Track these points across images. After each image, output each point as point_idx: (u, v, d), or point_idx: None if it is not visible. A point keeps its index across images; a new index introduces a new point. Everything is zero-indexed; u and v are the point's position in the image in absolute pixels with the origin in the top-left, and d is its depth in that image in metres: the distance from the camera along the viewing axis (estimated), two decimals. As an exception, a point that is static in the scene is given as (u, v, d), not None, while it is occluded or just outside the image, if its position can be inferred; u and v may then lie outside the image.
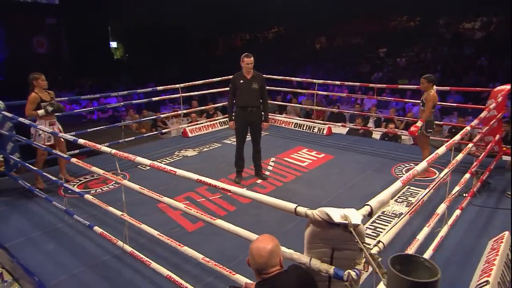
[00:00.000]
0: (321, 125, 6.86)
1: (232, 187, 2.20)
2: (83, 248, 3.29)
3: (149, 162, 2.61)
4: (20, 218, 3.84)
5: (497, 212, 3.87)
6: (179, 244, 2.49)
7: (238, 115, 4.68)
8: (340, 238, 1.66)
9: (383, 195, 1.85)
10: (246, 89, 4.59)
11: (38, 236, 3.50)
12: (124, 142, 5.84)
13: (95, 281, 2.85)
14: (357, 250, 1.70)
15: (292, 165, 5.33)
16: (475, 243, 3.25)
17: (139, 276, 2.86)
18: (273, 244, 1.62)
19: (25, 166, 4.09)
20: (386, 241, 1.94)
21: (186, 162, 5.55)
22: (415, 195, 4.27)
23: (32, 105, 4.24)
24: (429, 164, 2.41)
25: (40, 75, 4.35)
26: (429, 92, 4.63)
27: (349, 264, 1.70)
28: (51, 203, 3.76)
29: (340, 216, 1.50)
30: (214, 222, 2.19)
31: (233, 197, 4.34)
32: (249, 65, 4.62)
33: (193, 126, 6.89)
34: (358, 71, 14.98)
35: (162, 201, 2.69)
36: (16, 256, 3.20)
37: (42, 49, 15.94)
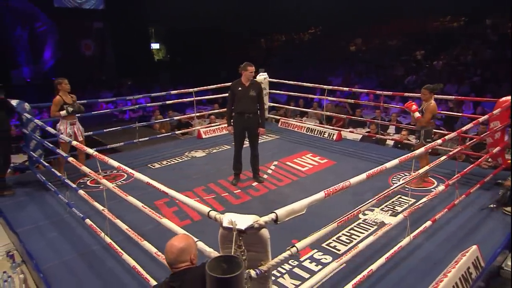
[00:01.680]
0: (331, 130, 6.92)
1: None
2: (79, 237, 3.72)
3: (117, 164, 2.91)
4: (34, 207, 4.39)
5: (481, 226, 3.81)
6: (140, 239, 2.79)
7: (236, 120, 4.92)
8: (245, 241, 1.86)
9: (298, 204, 2.02)
10: (244, 96, 4.82)
11: (45, 224, 4.00)
12: (138, 142, 6.31)
13: (81, 267, 3.25)
14: (262, 252, 1.90)
15: (292, 169, 5.49)
16: (445, 255, 3.25)
17: (120, 266, 3.20)
18: (185, 243, 1.86)
19: (42, 164, 4.63)
20: (301, 246, 2.09)
21: (193, 163, 5.90)
22: (404, 205, 4.29)
23: (56, 107, 4.78)
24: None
25: (64, 80, 4.88)
26: (429, 102, 4.60)
27: (255, 264, 1.89)
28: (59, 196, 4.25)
29: (228, 221, 1.70)
30: (160, 221, 2.45)
31: (225, 198, 4.64)
32: (252, 73, 4.85)
33: (207, 128, 7.24)
34: (391, 74, 14.64)
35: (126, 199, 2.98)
36: (23, 240, 3.70)
37: (89, 52, 17.21)
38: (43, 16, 15.65)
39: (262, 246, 1.87)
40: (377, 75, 14.64)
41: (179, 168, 5.68)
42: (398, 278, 3.04)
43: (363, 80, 14.31)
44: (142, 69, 17.45)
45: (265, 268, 1.87)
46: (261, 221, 1.81)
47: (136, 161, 5.97)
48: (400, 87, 13.53)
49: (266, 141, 6.88)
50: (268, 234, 1.87)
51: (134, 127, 6.36)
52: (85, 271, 3.20)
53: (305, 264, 3.27)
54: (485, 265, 3.19)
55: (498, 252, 3.42)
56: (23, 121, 4.81)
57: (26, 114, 4.69)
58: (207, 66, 17.67)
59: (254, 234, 1.82)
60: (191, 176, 5.30)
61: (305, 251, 3.44)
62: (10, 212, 4.31)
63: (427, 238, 3.59)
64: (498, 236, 3.62)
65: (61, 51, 16.17)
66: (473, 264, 3.07)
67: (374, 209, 4.19)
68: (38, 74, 16.17)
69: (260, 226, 1.81)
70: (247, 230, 1.70)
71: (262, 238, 1.84)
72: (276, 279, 3.07)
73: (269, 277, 1.96)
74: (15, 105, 4.82)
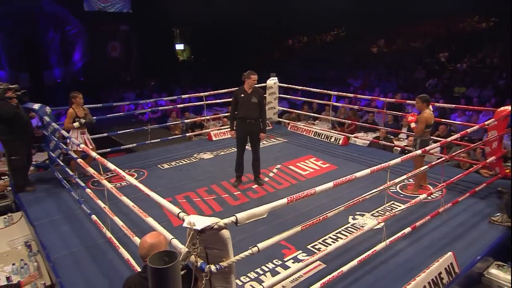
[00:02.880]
0: (337, 135, 7.08)
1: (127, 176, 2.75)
2: (87, 231, 4.13)
3: (113, 167, 3.23)
4: (51, 203, 4.85)
5: (466, 234, 3.91)
6: (132, 235, 3.12)
7: (239, 125, 5.21)
8: (209, 240, 2.14)
9: (259, 209, 2.28)
10: (246, 103, 5.09)
11: (58, 218, 4.43)
12: (150, 143, 6.72)
13: (85, 258, 3.64)
14: (223, 250, 2.17)
15: (293, 173, 5.72)
16: (423, 261, 3.40)
17: (118, 258, 3.55)
18: (156, 240, 2.16)
19: (58, 163, 5.09)
20: (262, 247, 2.35)
21: (199, 164, 6.24)
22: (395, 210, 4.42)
23: (69, 119, 5.27)
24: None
25: (78, 94, 5.39)
26: (423, 112, 4.70)
27: (218, 260, 2.17)
28: (72, 193, 4.69)
29: (187, 222, 1.99)
30: (145, 219, 2.76)
31: (225, 199, 4.94)
32: (254, 81, 5.12)
33: (217, 131, 7.57)
34: (412, 77, 14.47)
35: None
36: (38, 232, 4.15)
37: (116, 53, 17.98)
38: (74, 20, 16.53)
39: (223, 244, 2.14)
40: (396, 78, 14.51)
41: (186, 169, 6.02)
42: (372, 280, 3.23)
43: (382, 83, 14.24)
44: (166, 70, 18.02)
45: (225, 264, 2.14)
46: (221, 223, 2.08)
47: (148, 161, 6.38)
48: (420, 90, 13.39)
49: (273, 144, 7.13)
50: (228, 235, 2.14)
51: (146, 129, 6.75)
52: (88, 262, 3.58)
53: (288, 264, 3.51)
54: (460, 271, 3.32)
55: (478, 260, 3.54)
56: (44, 124, 5.29)
57: (46, 118, 5.16)
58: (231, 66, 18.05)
59: (214, 234, 2.09)
60: (196, 177, 5.63)
61: (290, 252, 3.69)
62: (30, 206, 4.79)
63: (410, 243, 3.76)
64: (481, 245, 3.72)
65: (89, 53, 17.01)
66: (446, 270, 3.21)
67: (365, 214, 4.36)
68: (68, 74, 17.08)
69: (220, 227, 2.08)
70: (204, 230, 1.98)
71: (222, 238, 2.11)
72: (259, 277, 3.34)
73: (231, 272, 2.22)
74: (37, 108, 5.31)
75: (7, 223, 4.80)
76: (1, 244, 4.34)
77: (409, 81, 14.37)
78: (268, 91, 7.69)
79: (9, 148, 5.01)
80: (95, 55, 17.11)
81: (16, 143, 4.96)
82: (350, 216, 4.31)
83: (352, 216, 4.31)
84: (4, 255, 4.11)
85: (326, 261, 3.42)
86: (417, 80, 14.16)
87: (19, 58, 15.20)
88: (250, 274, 3.35)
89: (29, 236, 4.49)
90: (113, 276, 3.32)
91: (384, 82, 14.34)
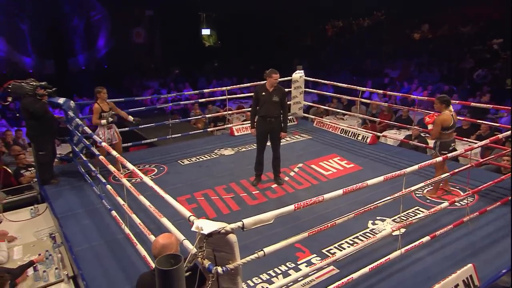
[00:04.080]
0: (365, 133, 7.19)
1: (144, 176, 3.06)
2: (107, 226, 4.55)
3: (132, 167, 3.58)
4: (74, 196, 5.34)
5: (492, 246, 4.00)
6: (148, 233, 3.47)
7: (259, 123, 5.46)
8: (216, 243, 2.43)
9: (266, 215, 2.55)
10: (268, 101, 5.34)
11: (81, 212, 4.90)
12: (171, 138, 7.12)
13: (105, 252, 4.06)
14: (230, 253, 2.46)
15: (315, 173, 5.94)
16: (441, 271, 3.55)
17: (136, 254, 3.93)
18: (168, 241, 2.47)
19: (81, 158, 5.57)
20: (268, 251, 2.61)
21: (220, 161, 6.58)
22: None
23: (96, 114, 5.77)
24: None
25: (103, 89, 5.83)
26: (442, 113, 4.77)
27: (225, 263, 2.46)
28: (93, 188, 5.14)
29: (195, 226, 2.28)
30: (160, 220, 3.09)
31: (243, 198, 5.25)
32: (276, 80, 5.36)
33: (239, 126, 7.87)
34: (457, 67, 14.11)
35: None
36: (62, 225, 4.62)
37: (140, 40, 18.65)
38: (98, 5, 17.26)
39: (230, 248, 2.43)
40: (439, 68, 14.20)
41: (205, 165, 6.38)
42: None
43: (422, 74, 14.01)
44: (191, 57, 18.45)
45: (231, 267, 2.43)
46: (228, 228, 2.37)
47: (168, 156, 6.78)
48: (466, 82, 13.07)
49: (296, 141, 7.36)
50: (235, 239, 2.42)
51: (168, 124, 7.14)
52: (108, 256, 3.99)
53: (301, 267, 3.76)
54: (481, 284, 3.46)
55: (503, 273, 3.65)
56: (68, 118, 5.77)
57: (70, 113, 5.63)
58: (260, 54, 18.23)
59: (221, 238, 2.38)
60: (216, 174, 5.97)
61: (304, 255, 3.94)
62: (54, 199, 5.30)
63: (430, 252, 3.91)
64: (508, 258, 3.81)
65: (114, 39, 17.74)
66: (464, 282, 3.36)
67: (386, 219, 4.54)
68: (92, 61, 17.94)
69: (226, 232, 2.36)
70: (211, 234, 2.27)
71: (229, 242, 2.40)
72: (271, 279, 3.62)
73: (238, 273, 2.51)
74: (61, 102, 5.79)
75: (33, 214, 5.34)
76: (28, 234, 4.87)
77: (453, 71, 14.03)
78: (294, 85, 7.89)
79: (37, 144, 5.53)
80: (119, 42, 17.82)
81: (44, 139, 5.49)
82: (370, 221, 4.49)
83: (372, 221, 4.50)
84: (31, 245, 4.63)
85: (340, 267, 3.65)
86: (463, 71, 13.79)
87: (44, 45, 16.14)
88: (262, 275, 3.64)
89: (53, 228, 5.00)
90: (131, 271, 3.70)
91: (425, 72, 14.11)
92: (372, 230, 4.36)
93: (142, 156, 6.79)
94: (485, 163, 5.34)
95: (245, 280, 3.50)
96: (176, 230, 2.81)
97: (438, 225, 4.18)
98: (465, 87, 12.52)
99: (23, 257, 4.37)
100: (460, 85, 12.85)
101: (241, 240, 2.51)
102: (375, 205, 3.24)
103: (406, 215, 4.62)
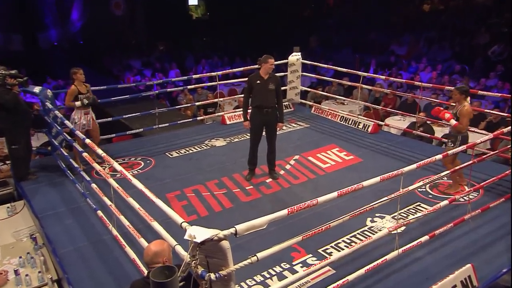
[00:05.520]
0: (366, 121, 7.44)
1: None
2: (92, 226, 4.80)
3: (119, 168, 3.80)
4: (55, 193, 5.56)
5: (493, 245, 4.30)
6: (138, 236, 3.73)
7: (254, 115, 5.64)
8: (209, 250, 2.68)
9: (259, 220, 2.80)
10: (263, 90, 5.51)
11: (63, 211, 5.13)
12: (158, 128, 7.32)
13: (91, 254, 4.31)
14: (223, 259, 2.72)
15: (312, 165, 6.20)
16: (440, 271, 3.85)
17: (124, 256, 4.18)
18: (160, 248, 2.72)
19: (60, 151, 5.77)
20: (261, 256, 2.88)
21: (211, 153, 6.82)
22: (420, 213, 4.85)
23: (70, 96, 5.88)
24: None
25: (79, 70, 5.93)
26: (462, 105, 5.00)
27: (218, 269, 2.72)
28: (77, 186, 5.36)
29: (188, 234, 2.53)
30: (151, 223, 3.34)
31: (236, 194, 5.51)
32: (272, 66, 5.54)
33: (231, 114, 8.07)
34: (471, 43, 14.27)
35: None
36: (44, 225, 4.86)
37: (119, 11, 18.51)
38: (71, -27, 17.12)
39: (222, 254, 2.68)
40: (451, 45, 14.37)
41: (195, 158, 6.61)
42: (382, 289, 3.74)
43: (432, 50, 14.18)
44: (177, 31, 18.35)
45: (224, 273, 2.69)
46: (221, 235, 2.62)
47: (155, 148, 7.00)
48: (481, 59, 13.26)
49: (293, 130, 7.60)
50: (228, 245, 2.67)
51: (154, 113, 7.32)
52: (94, 258, 4.24)
53: (296, 268, 4.05)
54: (479, 285, 3.77)
55: (503, 273, 3.96)
56: (45, 108, 5.94)
57: (48, 104, 5.80)
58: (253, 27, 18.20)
59: (214, 245, 2.63)
60: (206, 168, 6.22)
61: (300, 255, 4.22)
62: (33, 196, 5.51)
63: (429, 252, 4.20)
64: (509, 256, 4.12)
65: (89, 11, 17.62)
66: (462, 283, 3.66)
67: (385, 216, 4.82)
68: (65, 36, 17.86)
69: (219, 238, 2.61)
70: (204, 242, 2.52)
71: (222, 248, 2.65)
72: (265, 280, 3.90)
73: (231, 279, 2.78)
74: (37, 91, 5.95)
75: (11, 213, 5.54)
76: (6, 235, 5.08)
77: (466, 48, 14.20)
78: (290, 69, 8.07)
79: (9, 137, 5.68)
80: (95, 14, 17.66)
81: (16, 132, 5.62)
82: (368, 218, 4.77)
83: (370, 218, 4.78)
84: (10, 247, 4.84)
85: (336, 267, 3.93)
86: (477, 47, 13.95)
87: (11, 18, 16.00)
88: (256, 277, 3.91)
89: (33, 227, 5.22)
90: (119, 274, 3.96)
91: (435, 49, 14.26)
92: (371, 228, 4.64)
93: (127, 147, 6.99)
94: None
95: (239, 282, 3.77)
96: (167, 235, 3.06)
97: (439, 223, 4.45)
98: (478, 66, 12.70)
99: (2, 260, 4.56)
100: (472, 64, 13.03)
101: (234, 240, 2.74)
102: (372, 206, 3.50)
103: (407, 211, 4.91)
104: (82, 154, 4.68)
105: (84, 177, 4.93)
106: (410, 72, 12.72)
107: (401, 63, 13.73)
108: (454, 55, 13.82)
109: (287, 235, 3.84)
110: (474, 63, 13.03)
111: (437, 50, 14.17)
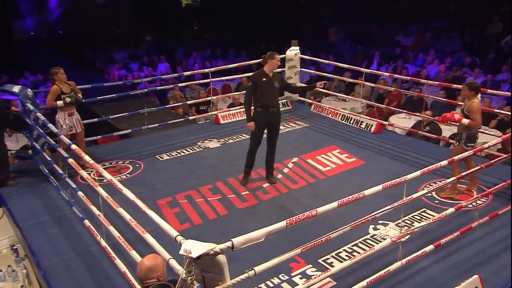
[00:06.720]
0: (369, 120, 7.58)
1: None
2: (78, 236, 4.90)
3: (109, 177, 3.91)
4: (37, 200, 5.65)
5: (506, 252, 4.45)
6: (129, 248, 3.84)
7: (259, 115, 5.68)
8: (205, 264, 2.81)
9: (256, 233, 2.92)
10: (269, 88, 5.60)
11: (46, 220, 5.23)
12: (147, 129, 7.42)
13: (78, 267, 4.41)
14: (219, 274, 2.84)
15: (311, 169, 6.34)
16: (446, 282, 3.99)
17: (114, 268, 4.29)
18: (154, 263, 2.83)
19: (42, 155, 5.86)
20: (259, 270, 3.01)
21: (204, 155, 6.93)
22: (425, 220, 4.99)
23: (52, 96, 5.95)
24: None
25: (59, 69, 6.01)
26: (472, 101, 5.15)
27: (215, 284, 2.85)
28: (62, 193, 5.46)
29: (183, 249, 2.65)
30: (143, 236, 3.45)
31: (231, 200, 5.63)
32: (279, 62, 5.69)
33: (226, 113, 8.18)
34: (482, 33, 14.39)
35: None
36: (26, 236, 4.96)
37: (102, -1, 18.59)
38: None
39: (219, 269, 2.81)
40: (461, 36, 14.49)
41: (188, 161, 6.73)
42: (385, 301, 3.89)
43: (440, 42, 14.31)
44: (165, 20, 18.35)
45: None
46: (217, 249, 2.74)
47: (144, 150, 7.09)
48: (492, 51, 13.39)
49: (291, 130, 7.73)
50: (224, 259, 2.79)
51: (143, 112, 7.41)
52: (82, 271, 4.35)
53: (295, 279, 4.18)
54: (487, 297, 3.92)
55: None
56: (26, 110, 6.02)
57: (28, 105, 5.88)
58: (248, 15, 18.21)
59: (210, 259, 2.75)
60: (200, 172, 6.33)
61: (299, 266, 4.35)
62: (14, 204, 5.60)
63: (435, 261, 4.34)
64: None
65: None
66: (469, 295, 3.81)
67: (389, 223, 4.96)
68: (43, 26, 17.86)
69: (215, 253, 2.74)
70: (200, 257, 2.64)
71: (218, 263, 2.78)
72: (262, 293, 4.04)
73: (227, 295, 2.90)
74: (17, 91, 6.03)
75: (-11, 221, 5.65)
76: (-16, 245, 5.19)
77: (478, 38, 14.33)
78: (288, 64, 8.19)
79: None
80: (76, 1, 17.70)
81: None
82: (371, 226, 4.90)
83: (373, 226, 4.91)
84: (-11, 259, 4.96)
85: (337, 278, 4.07)
86: (489, 37, 14.06)
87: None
88: (253, 290, 4.05)
89: (14, 237, 5.32)
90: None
91: (444, 40, 14.39)
92: (373, 236, 4.78)
93: (115, 150, 7.08)
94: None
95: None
96: (161, 248, 3.18)
97: (445, 230, 4.59)
98: (488, 59, 12.84)
99: (-18, 272, 4.69)
100: (483, 56, 13.14)
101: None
102: (373, 216, 3.64)
103: (411, 218, 5.05)
104: (68, 160, 4.75)
105: (70, 185, 5.02)
106: (416, 65, 12.85)
107: (407, 55, 13.85)
108: (464, 46, 13.95)
109: (286, 243, 4.03)
110: (486, 55, 13.15)
111: (446, 41, 14.29)
